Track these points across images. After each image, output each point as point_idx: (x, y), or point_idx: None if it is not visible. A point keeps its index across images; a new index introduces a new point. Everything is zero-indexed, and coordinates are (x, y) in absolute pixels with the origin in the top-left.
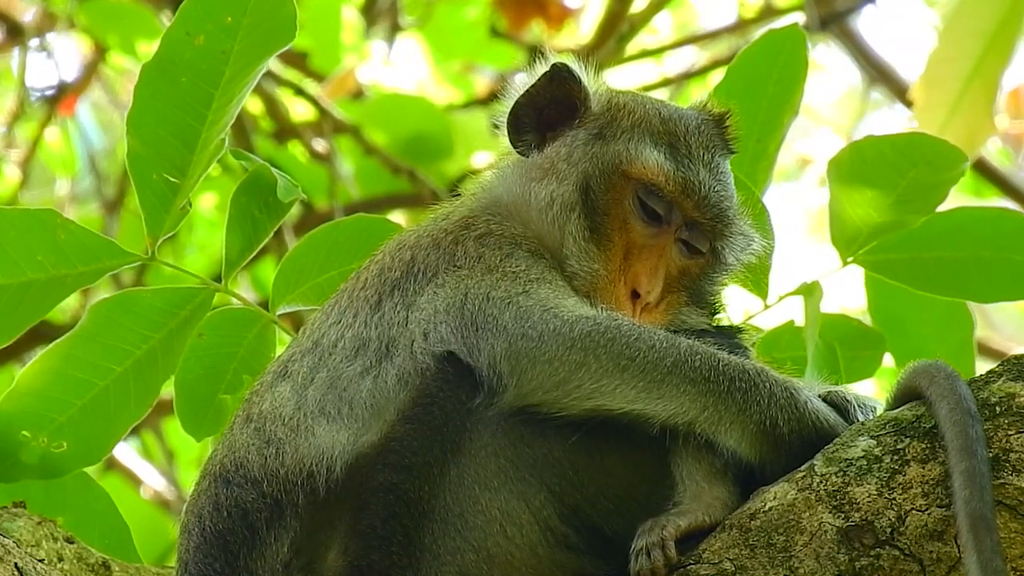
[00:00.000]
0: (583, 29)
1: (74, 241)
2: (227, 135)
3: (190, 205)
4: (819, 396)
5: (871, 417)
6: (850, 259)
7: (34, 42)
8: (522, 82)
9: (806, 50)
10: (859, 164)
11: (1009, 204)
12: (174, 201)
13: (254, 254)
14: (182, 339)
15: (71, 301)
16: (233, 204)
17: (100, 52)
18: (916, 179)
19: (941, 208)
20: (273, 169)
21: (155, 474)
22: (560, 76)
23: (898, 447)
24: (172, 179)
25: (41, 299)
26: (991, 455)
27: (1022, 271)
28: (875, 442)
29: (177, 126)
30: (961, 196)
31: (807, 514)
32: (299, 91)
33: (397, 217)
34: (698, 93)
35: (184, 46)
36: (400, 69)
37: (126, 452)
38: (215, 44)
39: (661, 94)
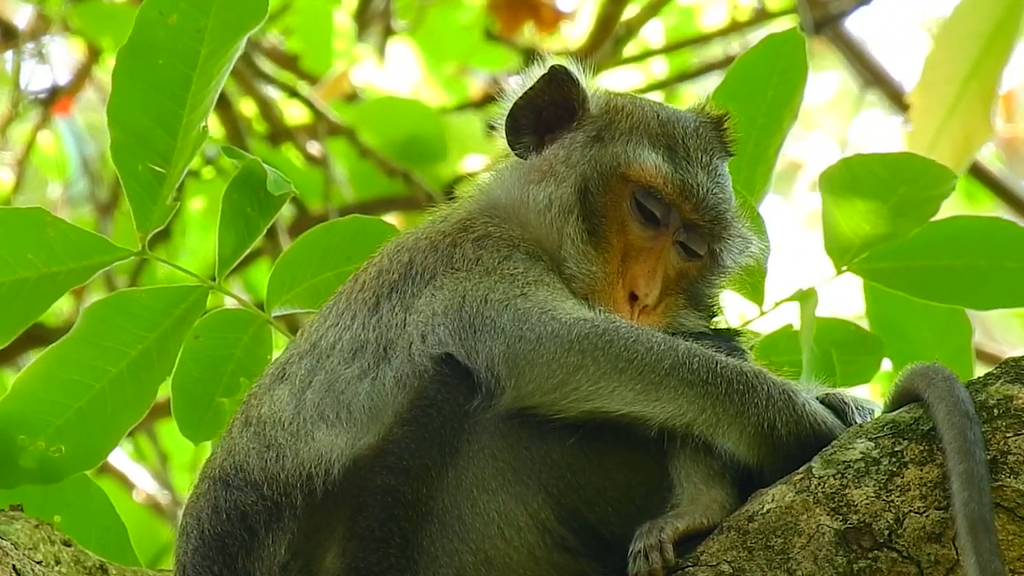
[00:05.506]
0: (576, 32)
1: (64, 238)
2: (207, 124)
3: (178, 199)
4: (817, 398)
5: (869, 419)
6: (844, 268)
7: (28, 45)
8: (520, 84)
9: (805, 54)
10: (850, 180)
11: (1002, 208)
12: (161, 192)
13: (247, 252)
14: (177, 338)
15: (66, 306)
16: (225, 201)
17: (94, 55)
18: (906, 195)
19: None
20: (264, 164)
21: (148, 478)
22: (558, 78)
23: (896, 449)
24: (157, 168)
25: (34, 298)
26: (989, 457)
27: (1017, 279)
28: (873, 444)
29: (158, 111)
30: (955, 199)
31: (805, 516)
32: (293, 93)
33: (391, 220)
34: (692, 96)
35: (158, 26)
36: (394, 72)
37: (118, 456)
38: (189, 22)
39: (655, 97)
